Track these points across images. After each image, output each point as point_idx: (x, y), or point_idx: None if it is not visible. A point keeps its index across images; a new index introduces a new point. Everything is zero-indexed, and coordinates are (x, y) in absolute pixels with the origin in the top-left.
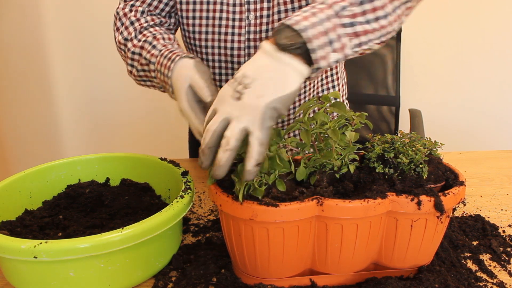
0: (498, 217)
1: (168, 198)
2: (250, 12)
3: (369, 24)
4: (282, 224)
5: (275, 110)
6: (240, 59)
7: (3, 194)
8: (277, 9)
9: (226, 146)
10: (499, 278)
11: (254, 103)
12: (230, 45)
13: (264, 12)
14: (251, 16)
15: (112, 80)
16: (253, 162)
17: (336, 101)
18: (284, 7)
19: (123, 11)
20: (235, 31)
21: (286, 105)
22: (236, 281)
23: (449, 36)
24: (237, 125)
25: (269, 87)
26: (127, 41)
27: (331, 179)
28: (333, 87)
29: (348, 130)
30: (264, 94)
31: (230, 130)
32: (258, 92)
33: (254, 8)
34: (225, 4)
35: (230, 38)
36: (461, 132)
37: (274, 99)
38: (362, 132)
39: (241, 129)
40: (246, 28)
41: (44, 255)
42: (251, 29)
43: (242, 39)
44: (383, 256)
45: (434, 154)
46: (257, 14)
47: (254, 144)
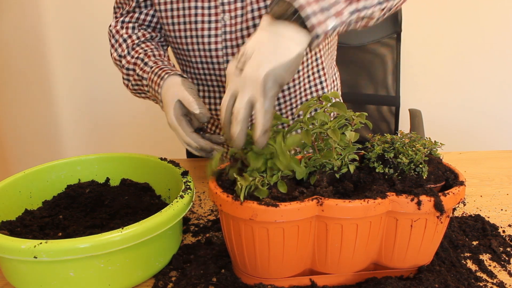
0: (498, 217)
1: (168, 198)
2: (225, 13)
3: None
4: (282, 224)
5: (276, 77)
6: (219, 59)
7: (3, 194)
8: (250, 8)
9: (236, 118)
10: (499, 278)
11: (254, 73)
12: (208, 47)
13: (238, 12)
14: (226, 17)
15: (112, 80)
16: (261, 129)
17: (336, 101)
18: (256, 5)
19: (115, 28)
20: (212, 33)
21: (288, 71)
22: (236, 281)
23: (449, 36)
24: (242, 97)
25: (267, 56)
26: (122, 57)
27: (331, 179)
28: (320, 82)
29: (348, 130)
30: (262, 64)
31: (237, 103)
32: (257, 62)
33: (229, 9)
34: (200, 8)
35: (207, 40)
36: (461, 132)
37: (273, 67)
38: (362, 132)
39: (246, 100)
40: (222, 29)
41: (44, 255)
42: (227, 29)
43: (219, 39)
44: (383, 256)
45: (434, 154)
46: (231, 14)
47: (260, 111)
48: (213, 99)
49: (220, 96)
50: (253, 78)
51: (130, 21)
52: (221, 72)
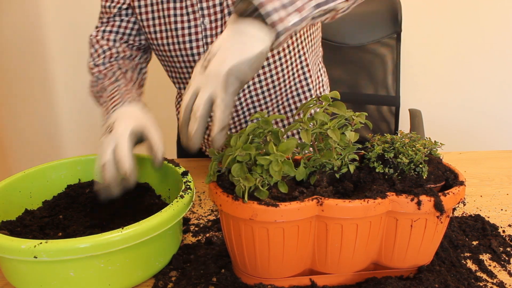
0: (498, 217)
1: (168, 198)
2: (204, 17)
3: None
4: (282, 224)
5: (238, 74)
6: None
7: (3, 194)
8: (227, 11)
9: (195, 115)
10: (499, 278)
11: (216, 69)
12: (190, 52)
13: (218, 15)
14: (206, 21)
15: None
16: (218, 127)
17: (336, 101)
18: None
19: (96, 38)
20: (193, 37)
21: (251, 68)
22: (236, 281)
23: (449, 36)
24: (203, 93)
25: (229, 53)
26: (96, 66)
27: (331, 179)
28: (305, 79)
29: (348, 130)
30: (225, 60)
31: (198, 99)
32: (220, 59)
33: (208, 13)
34: (179, 15)
35: (188, 45)
36: (461, 132)
37: (235, 63)
38: (362, 132)
39: (207, 97)
40: (203, 32)
41: (44, 255)
42: (207, 33)
43: (200, 43)
44: (383, 256)
45: (434, 154)
46: (211, 18)
47: (219, 106)
48: None
49: None
50: (215, 74)
51: (112, 30)
52: None
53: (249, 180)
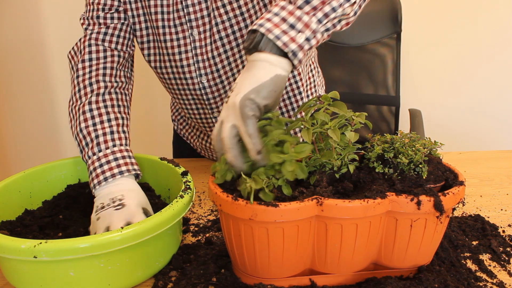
0: (498, 217)
1: (168, 198)
2: (193, 29)
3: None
4: (282, 224)
5: (251, 101)
6: (192, 75)
7: (3, 194)
8: (214, 22)
9: (226, 147)
10: (499, 278)
11: (232, 100)
12: (180, 64)
13: (206, 26)
14: (195, 32)
15: None
16: (253, 151)
17: (336, 101)
18: (220, 19)
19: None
20: (182, 49)
21: (267, 92)
22: (236, 281)
23: (449, 36)
24: (225, 125)
25: (244, 83)
26: (91, 88)
27: (331, 179)
28: (295, 82)
29: (348, 130)
30: (240, 91)
31: (222, 131)
32: (236, 91)
33: (197, 25)
34: (167, 27)
35: (178, 57)
36: (461, 132)
37: (248, 91)
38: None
39: (229, 127)
40: (192, 44)
41: (44, 255)
42: (196, 44)
43: (189, 55)
44: (383, 256)
45: (433, 154)
46: (200, 29)
47: (244, 136)
48: (191, 110)
49: (197, 108)
50: (232, 106)
51: (110, 40)
52: (195, 86)
53: (257, 182)
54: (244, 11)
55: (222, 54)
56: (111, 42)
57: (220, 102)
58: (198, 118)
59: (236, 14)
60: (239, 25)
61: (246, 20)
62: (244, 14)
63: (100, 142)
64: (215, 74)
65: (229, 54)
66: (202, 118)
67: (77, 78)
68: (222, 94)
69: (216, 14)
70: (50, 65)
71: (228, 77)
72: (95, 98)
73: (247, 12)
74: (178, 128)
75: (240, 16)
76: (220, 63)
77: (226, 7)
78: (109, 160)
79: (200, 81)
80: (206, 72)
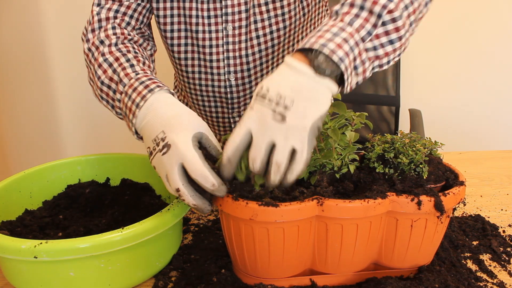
0: (498, 217)
1: (168, 198)
2: (228, 23)
3: (391, 45)
4: (282, 224)
5: (318, 129)
6: (220, 71)
7: (3, 194)
8: (253, 19)
9: (278, 170)
10: (499, 278)
11: (301, 124)
12: (209, 58)
13: (242, 22)
14: (229, 26)
15: None
16: (294, 177)
17: (337, 101)
18: (260, 16)
19: (105, 15)
20: (213, 43)
21: (323, 122)
22: (236, 281)
23: (449, 36)
24: (285, 148)
25: (311, 107)
26: (103, 44)
27: (331, 179)
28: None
29: (348, 130)
30: (308, 115)
31: (280, 155)
32: (302, 113)
33: (232, 19)
34: (201, 17)
35: (208, 50)
36: (461, 132)
37: (317, 118)
38: (362, 132)
39: (289, 151)
40: (224, 39)
41: (44, 255)
42: (229, 39)
43: (220, 50)
44: (383, 256)
45: (434, 154)
46: (235, 25)
47: (300, 162)
48: (208, 107)
49: (216, 106)
50: (300, 128)
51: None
52: (220, 83)
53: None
54: (285, 12)
55: (256, 53)
56: (122, 20)
57: (243, 102)
58: (214, 116)
59: (277, 14)
60: (278, 25)
61: (286, 21)
62: (285, 15)
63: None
64: (244, 73)
65: (263, 54)
66: (219, 117)
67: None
68: (247, 95)
69: (256, 11)
70: (50, 66)
71: (257, 78)
72: (108, 49)
73: (288, 13)
74: None
75: (280, 17)
76: (252, 62)
77: (268, 5)
78: (135, 87)
79: (227, 78)
80: (236, 70)
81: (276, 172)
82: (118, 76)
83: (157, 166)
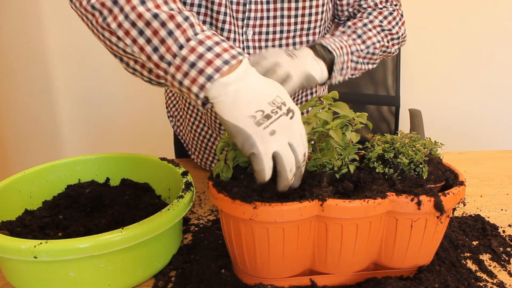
0: (498, 217)
1: (168, 198)
2: (249, 28)
3: (366, 65)
4: (282, 224)
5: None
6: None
7: (3, 194)
8: (280, 29)
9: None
10: (499, 278)
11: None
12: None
13: (263, 29)
14: (250, 31)
15: (112, 80)
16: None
17: (338, 102)
18: (287, 27)
19: None
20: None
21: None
22: (236, 281)
23: (449, 36)
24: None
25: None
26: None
27: (331, 179)
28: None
29: (349, 131)
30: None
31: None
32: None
33: (254, 24)
34: (223, 14)
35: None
36: (461, 132)
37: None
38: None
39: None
40: (244, 43)
41: (44, 255)
42: (249, 44)
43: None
44: (383, 256)
45: (434, 154)
46: (255, 30)
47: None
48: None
49: None
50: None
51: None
52: None
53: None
54: (312, 27)
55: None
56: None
57: None
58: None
59: (303, 28)
60: (301, 38)
61: (309, 36)
62: (310, 29)
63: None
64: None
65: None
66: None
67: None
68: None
69: (279, 22)
70: (50, 65)
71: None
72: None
73: (313, 29)
74: (175, 125)
75: (306, 31)
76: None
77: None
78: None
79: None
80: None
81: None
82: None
83: (281, 130)
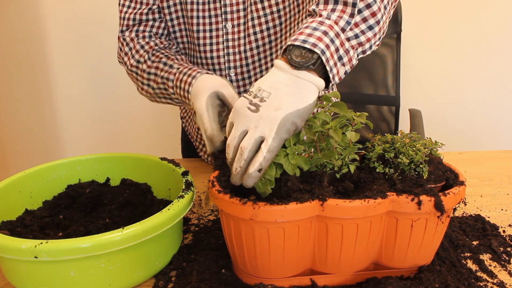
0: (498, 217)
1: (169, 198)
2: (227, 22)
3: (371, 30)
4: (283, 224)
5: (293, 124)
6: (221, 66)
7: (3, 194)
8: (251, 16)
9: (241, 156)
10: (499, 278)
11: (272, 114)
12: (210, 55)
13: (241, 20)
14: (229, 24)
15: (113, 80)
16: (257, 167)
17: (337, 101)
18: (256, 14)
19: (129, 37)
20: (213, 41)
21: (304, 118)
22: (236, 281)
23: (449, 36)
24: (252, 135)
25: (286, 100)
26: (140, 63)
27: (331, 179)
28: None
29: (349, 130)
30: (282, 107)
31: (245, 140)
32: (276, 104)
33: (231, 18)
34: (201, 18)
35: (209, 48)
36: (461, 132)
37: (292, 112)
38: (362, 132)
39: (256, 138)
40: (224, 36)
41: (44, 255)
42: (229, 37)
43: (220, 47)
44: (383, 256)
45: (434, 154)
46: (234, 23)
47: (263, 149)
48: None
49: None
50: (270, 118)
51: (145, 30)
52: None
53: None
54: (280, 9)
55: (254, 49)
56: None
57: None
58: None
59: (272, 11)
60: (274, 22)
61: (281, 17)
62: (280, 11)
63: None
64: (244, 68)
65: (261, 49)
66: None
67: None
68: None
69: (253, 9)
70: (50, 65)
71: (256, 73)
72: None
73: (283, 9)
74: (186, 126)
75: (276, 13)
76: (250, 58)
77: (263, 3)
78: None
79: (228, 74)
80: (236, 65)
81: (239, 159)
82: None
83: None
